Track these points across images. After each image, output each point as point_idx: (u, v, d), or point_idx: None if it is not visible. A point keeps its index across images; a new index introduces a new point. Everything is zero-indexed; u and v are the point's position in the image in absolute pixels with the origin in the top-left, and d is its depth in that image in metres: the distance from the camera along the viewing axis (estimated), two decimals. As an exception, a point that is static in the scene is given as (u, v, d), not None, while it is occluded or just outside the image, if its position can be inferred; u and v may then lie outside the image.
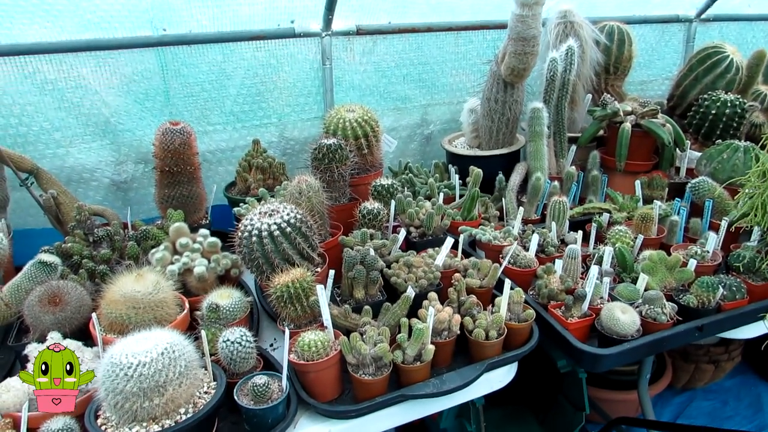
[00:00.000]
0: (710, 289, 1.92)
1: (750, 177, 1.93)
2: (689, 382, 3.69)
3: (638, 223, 2.36)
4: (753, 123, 3.31)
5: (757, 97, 3.35)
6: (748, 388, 3.80)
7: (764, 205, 1.87)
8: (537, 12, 2.49)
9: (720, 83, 3.10)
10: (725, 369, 3.71)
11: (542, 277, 2.04)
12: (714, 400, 3.68)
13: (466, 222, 2.52)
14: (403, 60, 3.15)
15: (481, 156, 2.92)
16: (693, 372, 3.64)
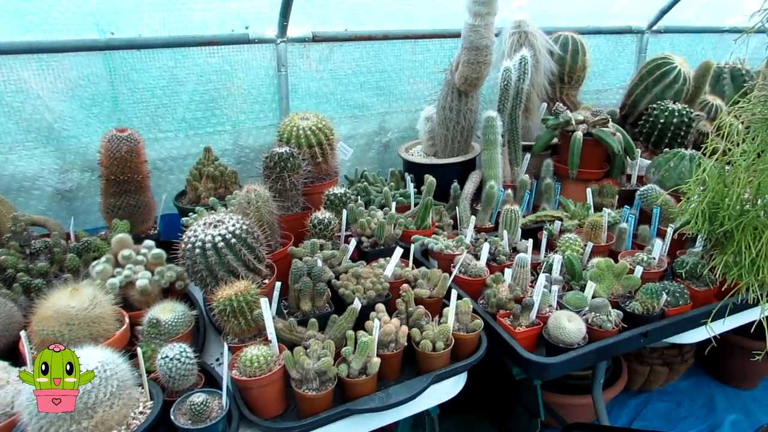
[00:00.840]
0: (654, 296, 1.95)
1: (690, 185, 1.97)
2: (645, 384, 3.75)
3: (588, 231, 2.39)
4: (700, 131, 3.40)
5: (704, 107, 3.45)
6: (701, 389, 3.90)
7: (704, 213, 1.91)
8: (489, 22, 2.51)
9: (668, 93, 3.18)
10: (679, 371, 3.79)
11: (491, 286, 2.04)
12: (669, 401, 3.75)
13: (419, 231, 2.51)
14: (360, 68, 3.14)
15: (437, 164, 2.92)
16: (648, 374, 3.71)
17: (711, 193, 1.88)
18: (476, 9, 2.47)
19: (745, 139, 1.78)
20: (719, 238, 1.94)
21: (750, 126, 1.75)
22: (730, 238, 1.89)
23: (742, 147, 1.77)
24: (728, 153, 1.84)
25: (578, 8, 3.70)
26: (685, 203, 2.00)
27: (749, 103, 1.80)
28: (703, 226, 1.93)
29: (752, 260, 1.86)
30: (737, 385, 3.88)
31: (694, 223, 1.94)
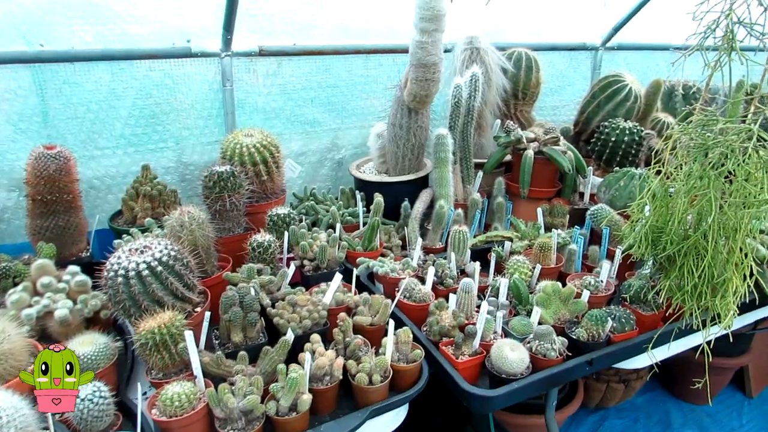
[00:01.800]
0: (599, 323, 1.91)
1: (633, 208, 1.94)
2: (602, 401, 3.74)
3: (537, 253, 2.35)
4: (651, 149, 3.42)
5: (656, 125, 3.47)
6: (657, 404, 3.91)
7: (647, 237, 1.88)
8: (437, 38, 2.46)
9: (620, 111, 3.18)
10: (635, 387, 3.79)
11: (434, 313, 1.97)
12: (626, 418, 3.75)
13: (366, 252, 2.43)
14: (311, 82, 3.06)
15: (388, 182, 2.85)
16: (605, 392, 3.70)
17: (653, 217, 1.85)
18: (423, 26, 2.42)
19: (685, 163, 1.75)
20: (662, 262, 1.92)
21: (689, 150, 1.73)
22: (673, 262, 1.86)
23: (684, 170, 1.75)
24: (671, 176, 1.81)
25: (532, 24, 3.70)
26: (630, 226, 1.97)
27: (688, 127, 1.78)
28: (646, 250, 1.90)
29: (694, 285, 1.83)
30: (692, 401, 3.90)
31: (637, 247, 1.91)
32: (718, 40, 1.65)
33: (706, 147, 1.65)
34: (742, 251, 1.77)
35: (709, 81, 1.91)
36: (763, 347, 3.87)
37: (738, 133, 1.61)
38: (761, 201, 1.57)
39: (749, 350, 3.80)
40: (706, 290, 1.84)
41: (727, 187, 1.65)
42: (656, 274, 2.04)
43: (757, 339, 3.81)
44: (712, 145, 1.63)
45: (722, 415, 3.81)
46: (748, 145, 1.57)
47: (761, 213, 1.59)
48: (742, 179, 1.58)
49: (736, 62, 1.82)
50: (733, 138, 1.60)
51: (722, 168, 1.60)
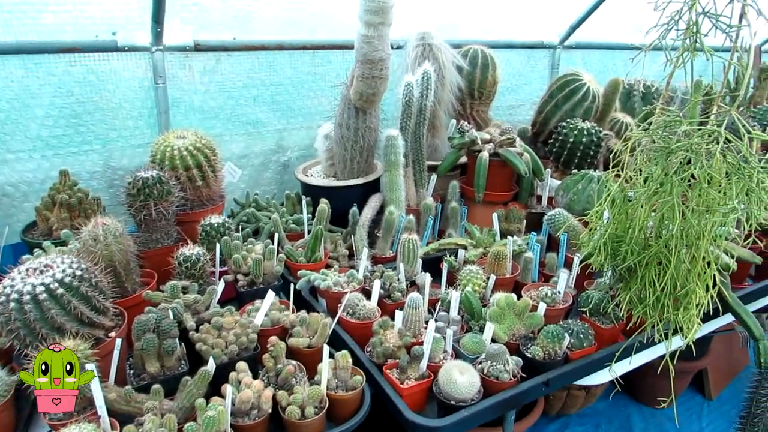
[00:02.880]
0: (556, 339, 1.77)
1: (591, 216, 1.81)
2: (563, 408, 3.64)
3: (491, 262, 2.20)
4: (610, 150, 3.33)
5: (615, 125, 3.39)
6: (618, 409, 3.85)
7: (606, 246, 1.75)
8: (384, 33, 2.29)
9: (578, 111, 3.08)
10: (596, 393, 3.71)
11: (378, 332, 1.79)
12: (587, 424, 3.67)
13: (309, 264, 2.25)
14: (253, 80, 2.85)
15: (336, 186, 2.67)
16: (566, 399, 3.61)
17: (613, 226, 1.72)
18: (368, 18, 2.24)
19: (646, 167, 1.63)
20: (622, 273, 1.79)
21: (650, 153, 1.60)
22: (634, 273, 1.73)
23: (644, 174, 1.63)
24: (630, 181, 1.69)
25: (488, 21, 3.57)
26: (588, 234, 1.84)
27: (649, 129, 1.65)
28: (605, 260, 1.77)
29: (657, 297, 1.71)
30: (652, 405, 3.86)
31: (596, 257, 1.78)
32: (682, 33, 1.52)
33: (668, 150, 1.52)
34: (705, 260, 1.66)
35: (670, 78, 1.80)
36: (722, 350, 3.85)
37: (703, 135, 1.49)
38: (726, 208, 1.45)
39: (708, 353, 3.77)
40: (668, 302, 1.73)
41: (690, 193, 1.53)
42: (616, 284, 1.91)
43: (716, 341, 3.78)
44: (675, 148, 1.51)
45: (683, 418, 3.77)
46: (714, 149, 1.45)
47: (725, 220, 1.47)
48: (705, 184, 1.46)
49: (701, 57, 1.70)
50: (698, 140, 1.48)
51: (685, 172, 1.48)
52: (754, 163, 1.43)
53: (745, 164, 1.43)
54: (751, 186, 1.44)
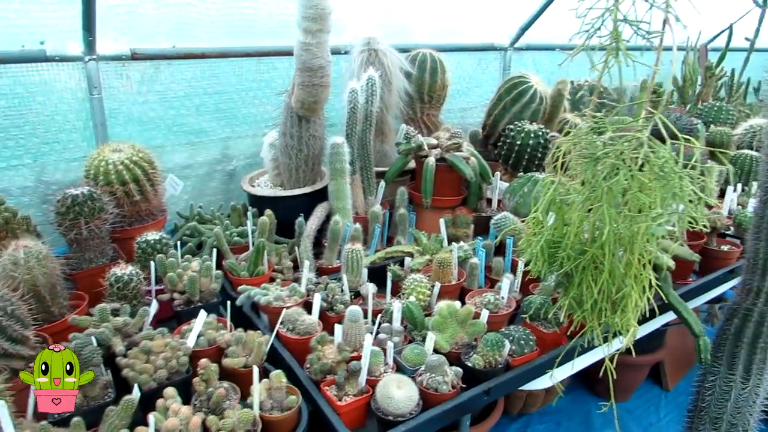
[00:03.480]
0: (496, 347, 1.76)
1: (528, 222, 1.81)
2: (524, 407, 3.67)
3: (436, 270, 2.18)
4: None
5: (564, 126, 3.42)
6: (578, 405, 3.89)
7: (543, 252, 1.75)
8: (323, 40, 2.25)
9: (526, 113, 3.09)
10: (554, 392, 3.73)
11: (316, 348, 1.75)
12: (548, 422, 3.70)
13: (252, 278, 2.20)
14: (195, 89, 2.78)
15: (282, 196, 2.62)
16: (526, 398, 3.63)
17: (549, 231, 1.72)
18: (306, 25, 2.20)
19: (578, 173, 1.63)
20: (561, 278, 1.79)
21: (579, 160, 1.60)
22: (571, 278, 1.73)
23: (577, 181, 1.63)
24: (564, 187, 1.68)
25: (440, 25, 3.56)
26: (526, 240, 1.84)
27: (577, 134, 1.66)
28: (543, 266, 1.77)
29: (594, 301, 1.72)
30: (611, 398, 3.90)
31: (533, 263, 1.78)
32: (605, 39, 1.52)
33: (596, 157, 1.52)
34: (641, 262, 1.67)
35: (599, 83, 1.81)
36: (677, 342, 3.92)
37: (629, 141, 1.49)
38: (655, 214, 1.45)
39: (663, 345, 3.85)
40: (605, 306, 1.73)
41: (621, 198, 1.53)
42: (557, 288, 1.92)
43: (671, 334, 3.85)
44: (601, 155, 1.51)
45: (641, 410, 3.84)
46: (639, 154, 1.45)
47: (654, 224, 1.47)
48: (636, 190, 1.46)
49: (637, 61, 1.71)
50: (624, 146, 1.48)
51: (614, 179, 1.48)
52: (676, 168, 1.44)
53: (664, 171, 1.44)
54: (675, 191, 1.45)
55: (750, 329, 2.27)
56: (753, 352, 2.28)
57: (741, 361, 2.31)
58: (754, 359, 2.29)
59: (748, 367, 2.30)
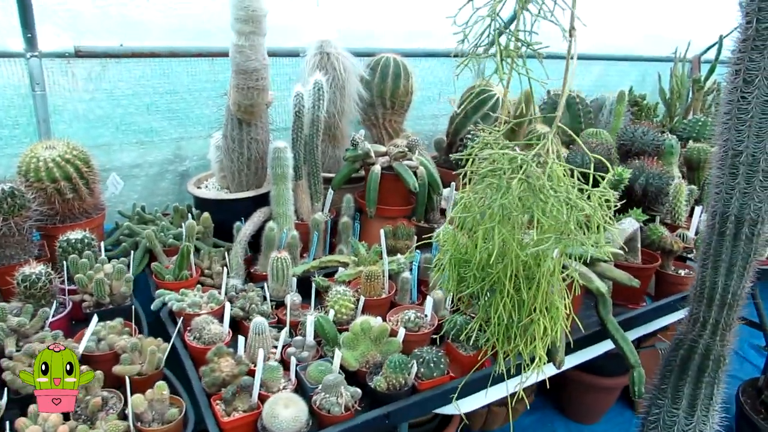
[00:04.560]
0: (400, 370, 1.68)
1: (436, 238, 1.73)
2: (484, 424, 3.58)
3: (364, 283, 2.11)
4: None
5: (532, 137, 3.32)
6: (544, 424, 3.79)
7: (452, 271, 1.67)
8: (257, 42, 2.20)
9: (487, 122, 3.01)
10: (518, 410, 3.64)
11: (212, 360, 1.69)
12: (511, 441, 3.59)
13: (176, 283, 2.14)
14: (145, 88, 2.74)
15: (225, 199, 2.57)
16: (486, 416, 3.54)
17: (456, 251, 1.64)
18: (239, 27, 2.15)
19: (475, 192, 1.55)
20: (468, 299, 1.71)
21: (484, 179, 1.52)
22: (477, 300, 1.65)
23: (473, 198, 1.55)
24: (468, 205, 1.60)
25: (410, 30, 3.49)
26: (438, 258, 1.76)
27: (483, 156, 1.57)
28: (451, 286, 1.69)
29: (506, 327, 1.63)
30: (580, 420, 3.80)
31: (443, 282, 1.70)
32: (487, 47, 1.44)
33: (483, 175, 1.45)
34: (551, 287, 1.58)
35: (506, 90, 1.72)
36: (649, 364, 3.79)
37: (510, 160, 1.41)
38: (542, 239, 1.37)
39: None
40: (517, 332, 1.64)
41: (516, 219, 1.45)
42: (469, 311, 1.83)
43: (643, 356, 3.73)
44: (483, 174, 1.43)
45: (611, 434, 3.73)
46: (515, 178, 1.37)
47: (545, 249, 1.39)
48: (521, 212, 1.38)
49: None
50: (505, 167, 1.40)
51: (495, 197, 1.40)
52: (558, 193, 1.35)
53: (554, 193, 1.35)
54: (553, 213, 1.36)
55: (695, 362, 2.15)
56: (698, 387, 2.17)
57: (685, 396, 2.19)
58: (699, 394, 2.18)
59: (693, 403, 2.19)
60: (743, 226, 1.91)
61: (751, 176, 1.85)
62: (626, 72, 4.59)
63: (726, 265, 1.99)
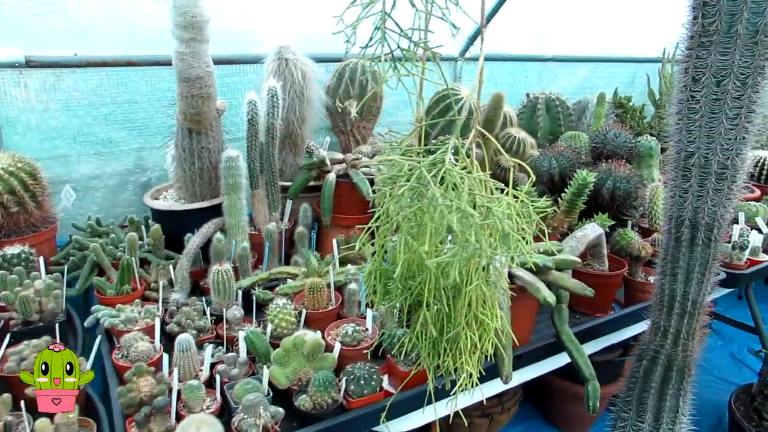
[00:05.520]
0: (325, 388, 1.60)
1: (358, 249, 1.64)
2: (468, 437, 3.47)
3: (308, 295, 2.03)
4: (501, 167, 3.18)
5: (507, 141, 3.23)
6: (529, 435, 3.68)
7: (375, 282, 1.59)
8: (199, 49, 2.15)
9: (454, 127, 2.92)
10: (501, 422, 3.53)
11: (130, 380, 1.62)
12: (497, 454, 3.49)
13: (117, 298, 2.09)
14: (102, 98, 2.70)
15: (180, 210, 2.51)
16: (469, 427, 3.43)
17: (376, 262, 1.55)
18: (179, 34, 2.10)
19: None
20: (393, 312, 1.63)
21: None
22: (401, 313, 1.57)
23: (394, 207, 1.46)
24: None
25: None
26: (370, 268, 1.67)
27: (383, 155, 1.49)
28: (377, 297, 1.60)
29: (433, 342, 1.54)
30: (568, 430, 3.68)
31: (368, 294, 1.62)
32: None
33: (382, 183, 1.37)
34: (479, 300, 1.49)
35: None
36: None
37: (430, 165, 1.33)
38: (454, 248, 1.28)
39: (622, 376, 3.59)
40: (446, 347, 1.55)
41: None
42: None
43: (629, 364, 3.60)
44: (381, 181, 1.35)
45: (598, 444, 3.59)
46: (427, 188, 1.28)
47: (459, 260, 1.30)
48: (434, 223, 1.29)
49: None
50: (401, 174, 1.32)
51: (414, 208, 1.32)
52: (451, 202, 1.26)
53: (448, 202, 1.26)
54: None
55: (658, 373, 2.04)
56: (662, 399, 2.06)
57: (650, 408, 2.08)
58: (663, 407, 2.06)
59: (658, 416, 2.08)
60: (699, 231, 1.81)
61: (704, 178, 1.75)
62: (615, 73, 4.47)
63: (684, 272, 1.88)
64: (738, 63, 1.62)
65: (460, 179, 1.23)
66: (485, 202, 1.28)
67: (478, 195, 1.24)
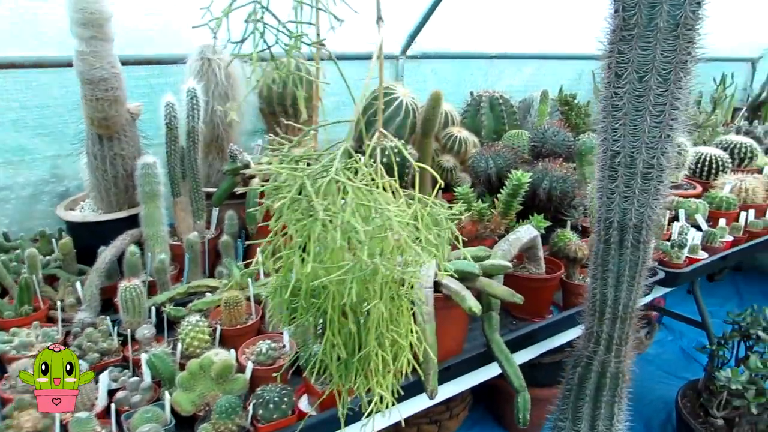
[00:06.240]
0: (227, 415, 1.47)
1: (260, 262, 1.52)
2: (421, 440, 3.39)
3: (224, 310, 1.90)
4: (443, 167, 3.10)
5: (449, 142, 3.16)
6: (483, 440, 3.62)
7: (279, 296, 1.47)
8: (100, 48, 1.99)
9: (390, 127, 2.83)
10: (450, 427, 3.46)
11: (10, 415, 1.47)
12: (450, 458, 3.42)
13: (17, 319, 1.92)
14: (10, 102, 2.51)
15: (93, 222, 2.35)
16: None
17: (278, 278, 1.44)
18: (77, 31, 1.94)
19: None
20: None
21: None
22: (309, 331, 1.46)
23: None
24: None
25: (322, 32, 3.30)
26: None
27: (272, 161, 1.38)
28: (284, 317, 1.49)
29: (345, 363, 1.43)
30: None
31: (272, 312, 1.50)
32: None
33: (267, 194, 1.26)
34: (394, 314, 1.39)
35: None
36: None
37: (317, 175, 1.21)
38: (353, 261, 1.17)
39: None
40: (358, 366, 1.45)
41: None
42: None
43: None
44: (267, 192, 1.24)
45: (550, 446, 3.55)
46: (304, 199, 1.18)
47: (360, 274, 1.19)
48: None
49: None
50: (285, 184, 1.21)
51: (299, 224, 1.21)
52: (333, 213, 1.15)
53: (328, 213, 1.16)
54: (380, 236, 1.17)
55: (592, 380, 1.98)
56: (597, 406, 2.00)
57: (585, 416, 2.02)
58: (598, 414, 2.00)
59: (593, 423, 2.01)
60: (627, 233, 1.75)
61: (630, 179, 1.69)
62: (562, 71, 4.44)
63: (614, 276, 1.82)
64: (659, 58, 1.55)
65: (343, 189, 1.12)
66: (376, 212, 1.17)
67: (366, 204, 1.13)
